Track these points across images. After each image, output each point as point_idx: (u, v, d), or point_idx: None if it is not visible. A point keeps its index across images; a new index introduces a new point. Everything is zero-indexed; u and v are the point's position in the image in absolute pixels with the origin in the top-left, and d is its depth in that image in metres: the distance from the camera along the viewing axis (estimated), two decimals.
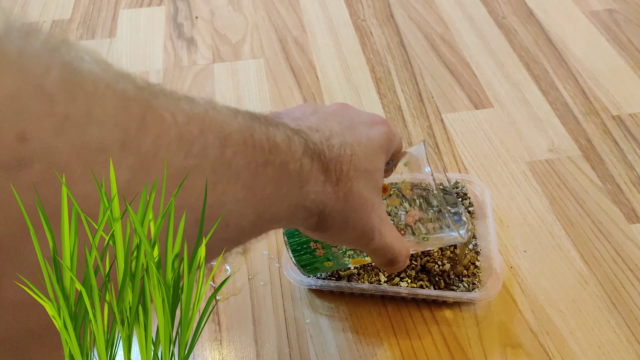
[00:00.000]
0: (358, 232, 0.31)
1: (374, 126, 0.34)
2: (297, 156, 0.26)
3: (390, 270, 0.37)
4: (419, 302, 0.48)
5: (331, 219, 0.29)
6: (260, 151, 0.23)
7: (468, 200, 0.54)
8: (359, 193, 0.30)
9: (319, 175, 0.28)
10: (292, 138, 0.26)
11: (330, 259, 0.40)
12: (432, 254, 0.49)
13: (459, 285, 0.47)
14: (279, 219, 0.26)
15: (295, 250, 0.40)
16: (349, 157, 0.30)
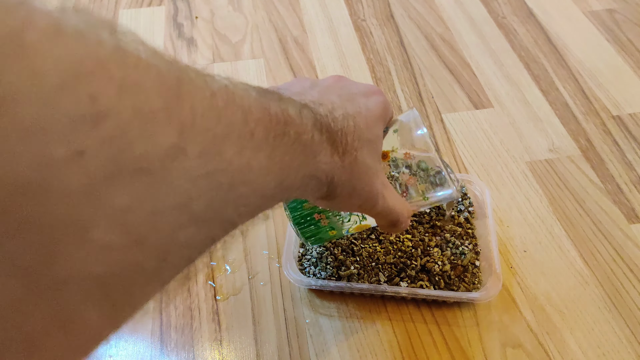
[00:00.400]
0: (364, 198, 0.33)
1: (371, 96, 0.36)
2: (308, 128, 0.27)
3: (393, 231, 0.39)
4: (419, 302, 0.48)
5: (340, 188, 0.31)
6: (277, 123, 0.25)
7: (468, 200, 0.54)
8: (363, 161, 0.32)
9: (328, 147, 0.29)
10: (302, 111, 0.28)
11: (335, 227, 0.42)
12: (432, 253, 0.49)
13: (459, 285, 0.47)
14: (294, 188, 0.27)
15: (300, 224, 0.42)
16: (352, 128, 0.32)
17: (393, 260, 0.48)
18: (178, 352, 0.46)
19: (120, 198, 0.17)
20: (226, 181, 0.21)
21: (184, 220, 0.19)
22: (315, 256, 0.49)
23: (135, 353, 0.46)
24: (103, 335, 0.19)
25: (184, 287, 0.50)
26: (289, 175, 0.26)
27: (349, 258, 0.49)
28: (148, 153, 0.17)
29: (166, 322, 0.48)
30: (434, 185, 0.39)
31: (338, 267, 0.48)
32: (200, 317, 0.48)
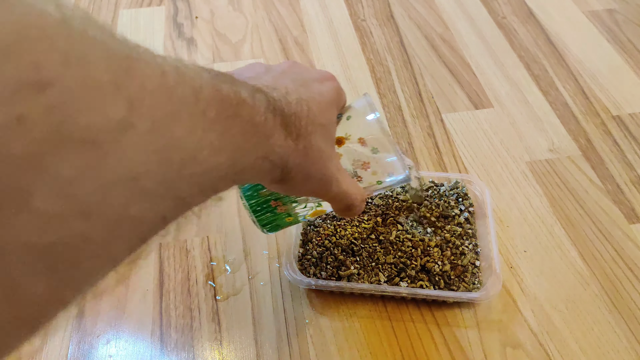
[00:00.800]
0: (317, 182, 0.34)
1: (325, 82, 0.36)
2: (261, 111, 0.28)
3: (348, 215, 0.40)
4: (419, 302, 0.48)
5: (294, 172, 0.32)
6: (229, 104, 0.25)
7: (468, 200, 0.54)
8: (317, 146, 0.33)
9: (281, 130, 0.30)
10: (255, 94, 0.28)
11: (291, 214, 0.42)
12: (432, 253, 0.49)
13: (459, 285, 0.47)
14: (248, 170, 0.28)
15: (256, 211, 0.42)
16: (306, 113, 0.32)
17: (393, 260, 0.48)
18: (178, 352, 0.46)
19: (66, 168, 0.17)
20: (177, 158, 0.21)
21: (134, 194, 0.19)
22: (315, 256, 0.49)
23: (135, 353, 0.46)
24: (51, 310, 0.19)
25: (184, 287, 0.50)
26: (242, 156, 0.26)
27: (349, 258, 0.49)
28: (95, 125, 0.17)
29: (166, 322, 0.48)
30: (388, 169, 0.40)
31: (338, 267, 0.48)
32: (200, 317, 0.48)
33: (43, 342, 0.46)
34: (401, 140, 0.63)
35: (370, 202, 0.53)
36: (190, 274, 0.51)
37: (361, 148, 0.40)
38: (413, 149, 0.62)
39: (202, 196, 0.25)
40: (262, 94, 0.29)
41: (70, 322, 0.48)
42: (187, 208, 0.25)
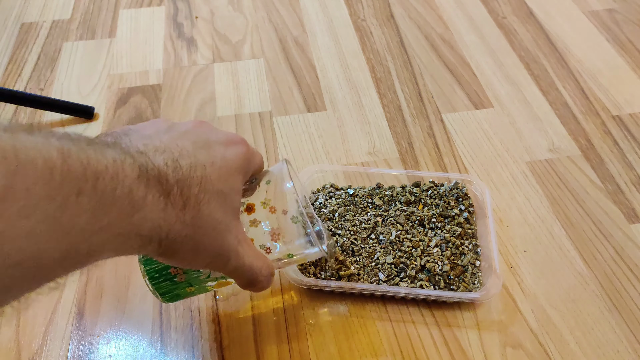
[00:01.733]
0: (212, 255, 0.31)
1: (231, 146, 0.33)
2: (127, 182, 0.24)
3: (253, 290, 0.37)
4: (419, 303, 0.48)
5: (178, 244, 0.28)
6: (73, 179, 0.22)
7: (468, 200, 0.54)
8: (210, 215, 0.29)
9: (159, 200, 0.26)
10: (124, 162, 0.25)
11: (193, 283, 0.39)
12: (432, 253, 0.49)
13: (459, 285, 0.47)
14: (104, 250, 0.25)
15: (154, 278, 0.38)
16: (199, 179, 0.29)
17: (393, 261, 0.48)
18: (178, 352, 0.46)
19: None
20: None
21: None
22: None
23: (135, 353, 0.46)
24: None
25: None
26: (91, 237, 0.23)
27: (349, 258, 0.49)
28: None
29: (166, 322, 0.48)
30: (302, 241, 0.37)
31: (338, 268, 0.48)
32: (200, 318, 0.48)
33: (43, 342, 0.46)
34: (401, 140, 0.63)
35: (370, 202, 0.53)
36: None
37: (275, 217, 0.37)
38: (413, 149, 0.62)
39: (26, 285, 0.22)
40: (136, 160, 0.26)
41: (70, 322, 0.48)
42: (19, 294, 0.21)
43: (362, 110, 0.67)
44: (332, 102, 0.69)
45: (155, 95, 0.71)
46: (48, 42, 0.80)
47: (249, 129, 0.65)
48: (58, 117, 0.68)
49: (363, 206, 0.53)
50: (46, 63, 0.76)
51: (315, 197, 0.55)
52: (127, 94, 0.71)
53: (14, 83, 0.73)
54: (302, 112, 0.67)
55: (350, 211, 0.53)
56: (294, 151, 0.62)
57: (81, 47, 0.79)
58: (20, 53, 0.78)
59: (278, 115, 0.67)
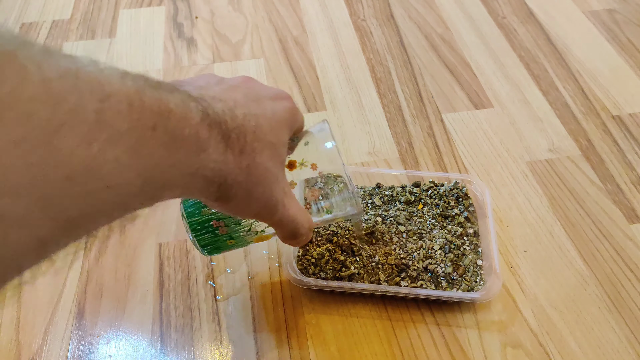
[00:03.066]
0: (262, 204, 0.32)
1: (279, 100, 0.34)
2: (193, 122, 0.25)
3: (294, 244, 0.37)
4: (419, 303, 0.48)
5: (234, 190, 0.29)
6: (149, 114, 0.23)
7: (468, 200, 0.54)
8: (262, 164, 0.30)
9: (219, 144, 0.27)
10: (189, 104, 0.26)
11: (233, 236, 0.40)
12: (435, 256, 0.49)
13: (460, 284, 0.47)
14: (173, 187, 0.26)
15: (196, 230, 0.39)
16: (253, 128, 0.30)
17: (394, 262, 0.48)
18: (178, 352, 0.46)
19: None
20: (60, 175, 0.19)
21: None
22: (316, 257, 0.49)
23: (135, 353, 0.46)
24: None
25: (184, 287, 0.50)
26: (165, 172, 0.24)
27: (349, 258, 0.49)
28: None
29: (166, 322, 0.48)
30: (339, 200, 0.38)
31: (339, 269, 0.48)
32: (200, 317, 0.48)
33: (43, 342, 0.46)
34: (401, 140, 0.63)
35: (370, 202, 0.53)
36: (190, 274, 0.51)
37: (314, 176, 0.38)
38: (413, 149, 0.62)
39: (104, 217, 0.23)
40: (200, 104, 0.27)
41: (71, 322, 0.48)
42: (82, 230, 0.22)
43: (362, 110, 0.67)
44: (332, 102, 0.69)
45: None
46: (48, 42, 0.80)
47: None
48: None
49: (363, 206, 0.53)
50: None
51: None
52: None
53: None
54: (302, 112, 0.67)
55: None
56: None
57: (81, 47, 0.79)
58: None
59: None
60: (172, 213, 0.56)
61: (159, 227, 0.55)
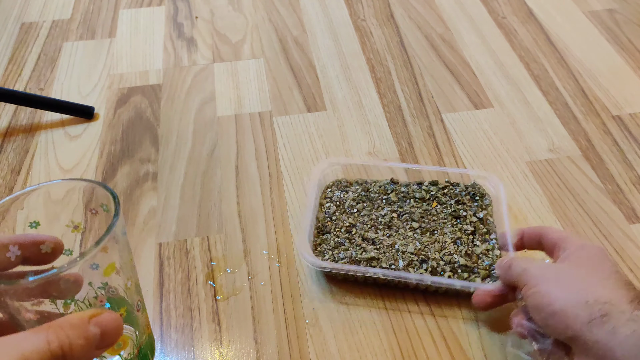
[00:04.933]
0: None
1: None
2: None
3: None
4: (419, 303, 0.48)
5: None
6: None
7: (485, 199, 0.53)
8: None
9: None
10: None
11: None
12: (448, 247, 0.49)
13: (478, 271, 0.47)
14: None
15: None
16: None
17: (414, 251, 0.49)
18: (178, 352, 0.46)
19: None
20: None
21: None
22: (333, 245, 0.50)
23: None
24: None
25: (184, 287, 0.50)
26: None
27: (369, 246, 0.49)
28: None
29: (166, 322, 0.48)
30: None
31: (359, 253, 0.49)
32: (200, 317, 0.48)
33: None
34: (401, 140, 0.63)
35: (385, 197, 0.54)
36: (190, 274, 0.51)
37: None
38: (413, 149, 0.62)
39: None
40: None
41: None
42: None
43: (362, 110, 0.67)
44: (332, 102, 0.69)
45: (155, 95, 0.71)
46: (48, 42, 0.80)
47: (249, 129, 0.65)
48: (58, 117, 0.68)
49: (379, 202, 0.53)
50: (46, 63, 0.76)
51: (331, 191, 0.55)
52: (127, 94, 0.71)
53: (14, 83, 0.73)
54: (302, 112, 0.67)
55: (366, 207, 0.53)
56: (294, 151, 0.62)
57: (81, 47, 0.79)
58: (20, 53, 0.78)
59: (278, 115, 0.67)
60: (172, 213, 0.56)
61: (159, 227, 0.55)
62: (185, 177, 0.60)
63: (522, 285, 0.40)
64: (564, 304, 0.36)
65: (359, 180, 0.56)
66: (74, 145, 0.64)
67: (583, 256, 0.40)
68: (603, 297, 0.35)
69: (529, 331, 0.40)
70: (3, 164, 0.62)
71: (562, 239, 0.43)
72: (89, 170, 0.61)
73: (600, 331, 0.34)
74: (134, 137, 0.65)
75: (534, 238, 0.46)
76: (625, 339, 0.33)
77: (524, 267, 0.41)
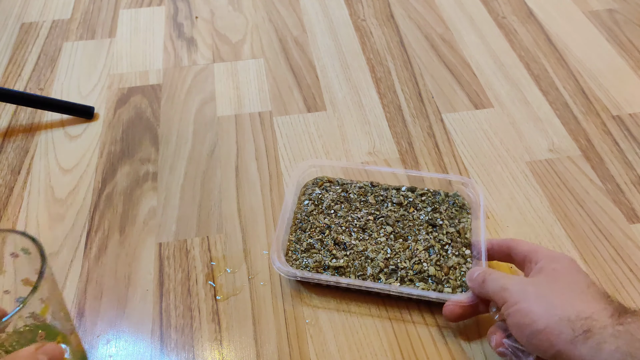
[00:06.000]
0: None
1: None
2: None
3: None
4: (419, 303, 0.48)
5: None
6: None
7: (464, 210, 0.53)
8: None
9: None
10: None
11: None
12: (420, 256, 0.49)
13: (448, 282, 0.47)
14: None
15: None
16: None
17: (382, 259, 0.48)
18: (178, 352, 0.46)
19: None
20: None
21: None
22: (305, 246, 0.50)
23: (135, 353, 0.46)
24: None
25: (184, 287, 0.50)
26: None
27: (340, 252, 0.49)
28: None
29: (166, 322, 0.48)
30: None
31: (329, 260, 0.49)
32: (200, 317, 0.48)
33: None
34: (401, 140, 0.63)
35: (364, 200, 0.54)
36: (190, 274, 0.51)
37: None
38: (413, 149, 0.62)
39: None
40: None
41: None
42: None
43: (362, 110, 0.67)
44: (332, 102, 0.69)
45: (155, 95, 0.71)
46: (48, 42, 0.80)
47: (249, 129, 0.65)
48: (58, 117, 0.68)
49: (357, 203, 0.53)
50: (46, 63, 0.76)
51: (311, 189, 0.55)
52: (127, 94, 0.71)
53: (14, 83, 0.73)
54: (302, 112, 0.67)
55: (344, 208, 0.53)
56: (294, 151, 0.62)
57: (81, 47, 0.79)
58: (20, 53, 0.78)
59: (278, 115, 0.67)
60: (172, 213, 0.56)
61: (159, 227, 0.55)
62: (185, 177, 0.60)
63: (501, 302, 0.40)
64: (546, 322, 0.36)
65: (339, 180, 0.56)
66: (74, 145, 0.64)
67: (558, 269, 0.40)
68: (583, 312, 0.35)
69: (510, 349, 0.40)
70: (3, 164, 0.62)
71: (532, 251, 0.43)
72: (89, 170, 0.61)
73: (584, 347, 0.34)
74: (134, 137, 0.65)
75: (503, 250, 0.46)
76: (609, 355, 0.33)
77: (502, 284, 0.40)
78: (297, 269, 0.48)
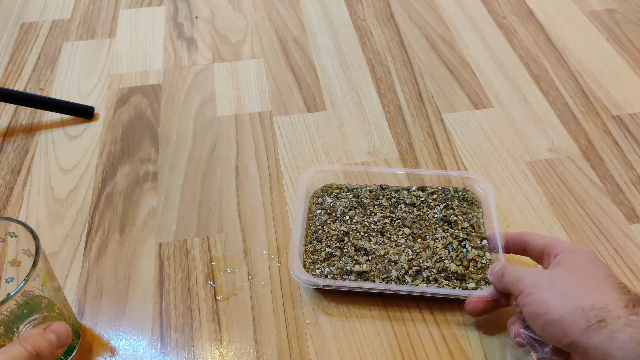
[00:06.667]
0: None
1: None
2: None
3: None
4: (419, 302, 0.48)
5: None
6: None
7: (475, 205, 0.53)
8: None
9: None
10: None
11: None
12: (440, 254, 0.49)
13: (470, 277, 0.47)
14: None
15: None
16: None
17: (406, 261, 0.48)
18: (178, 352, 0.46)
19: None
20: None
21: None
22: (324, 256, 0.49)
23: (135, 353, 0.46)
24: None
25: (184, 287, 0.50)
26: None
27: (362, 257, 0.49)
28: None
29: (166, 322, 0.48)
30: None
31: (352, 266, 0.48)
32: (200, 317, 0.48)
33: None
34: (401, 140, 0.63)
35: (377, 203, 0.53)
36: (190, 274, 0.51)
37: None
38: (413, 149, 0.62)
39: None
40: None
41: None
42: None
43: (362, 110, 0.67)
44: (332, 102, 0.69)
45: (155, 95, 0.71)
46: (48, 42, 0.80)
47: (249, 129, 0.65)
48: (58, 117, 0.68)
49: (371, 207, 0.53)
50: (46, 63, 0.76)
51: (322, 198, 0.55)
52: (127, 94, 0.71)
53: (14, 83, 0.73)
54: (302, 112, 0.67)
55: (359, 213, 0.53)
56: (294, 151, 0.62)
57: (81, 47, 0.79)
58: (20, 53, 0.78)
59: (278, 115, 0.67)
60: (172, 213, 0.56)
61: (159, 227, 0.55)
62: (185, 177, 0.60)
63: (517, 293, 0.40)
64: (561, 311, 0.36)
65: (347, 185, 0.56)
66: (74, 145, 0.64)
67: (576, 261, 0.40)
68: (598, 302, 0.35)
69: (527, 340, 0.40)
70: (3, 164, 0.62)
71: (550, 245, 0.43)
72: (89, 170, 0.61)
73: (598, 337, 0.34)
74: (134, 137, 0.65)
75: (517, 244, 0.47)
76: (623, 344, 0.33)
77: (518, 275, 0.41)
78: (319, 277, 0.48)
